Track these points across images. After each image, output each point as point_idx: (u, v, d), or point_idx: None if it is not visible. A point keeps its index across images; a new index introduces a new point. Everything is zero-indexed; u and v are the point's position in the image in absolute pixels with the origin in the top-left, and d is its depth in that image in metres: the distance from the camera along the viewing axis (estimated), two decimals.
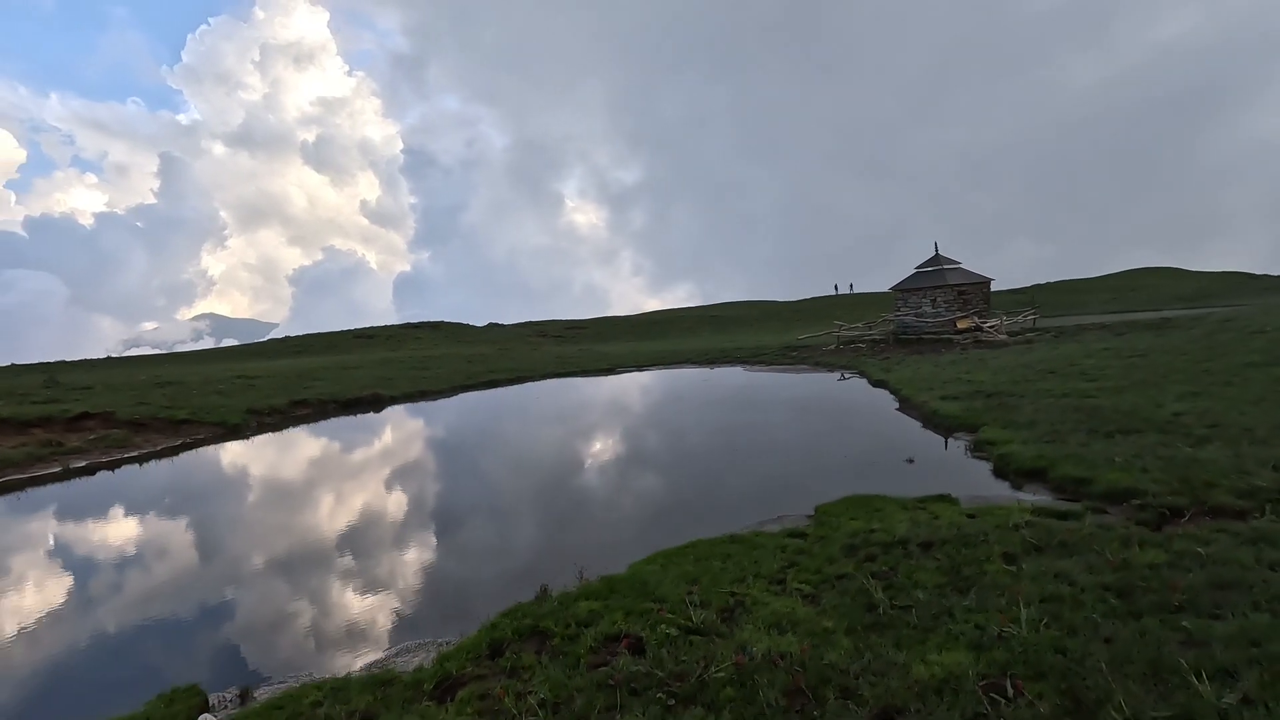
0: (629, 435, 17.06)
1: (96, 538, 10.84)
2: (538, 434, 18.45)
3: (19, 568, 9.48)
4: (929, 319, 38.03)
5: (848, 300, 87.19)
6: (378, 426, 23.13)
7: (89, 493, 14.36)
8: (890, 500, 8.59)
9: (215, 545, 10.06)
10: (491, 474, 14.03)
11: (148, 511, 12.22)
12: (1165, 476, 8.37)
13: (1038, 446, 10.75)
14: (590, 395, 28.34)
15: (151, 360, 61.53)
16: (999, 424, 13.04)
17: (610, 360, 44.61)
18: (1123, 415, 12.39)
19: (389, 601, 7.50)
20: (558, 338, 77.79)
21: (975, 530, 6.86)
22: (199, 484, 14.72)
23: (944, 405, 15.73)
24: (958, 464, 11.27)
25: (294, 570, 8.68)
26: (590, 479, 12.71)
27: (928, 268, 39.52)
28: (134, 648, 6.82)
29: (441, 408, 27.53)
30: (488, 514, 10.90)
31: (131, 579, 8.84)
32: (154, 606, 7.78)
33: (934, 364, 25.71)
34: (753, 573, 6.29)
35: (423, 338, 72.52)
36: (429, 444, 18.31)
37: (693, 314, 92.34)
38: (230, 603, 7.77)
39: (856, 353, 35.11)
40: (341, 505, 11.91)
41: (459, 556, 8.94)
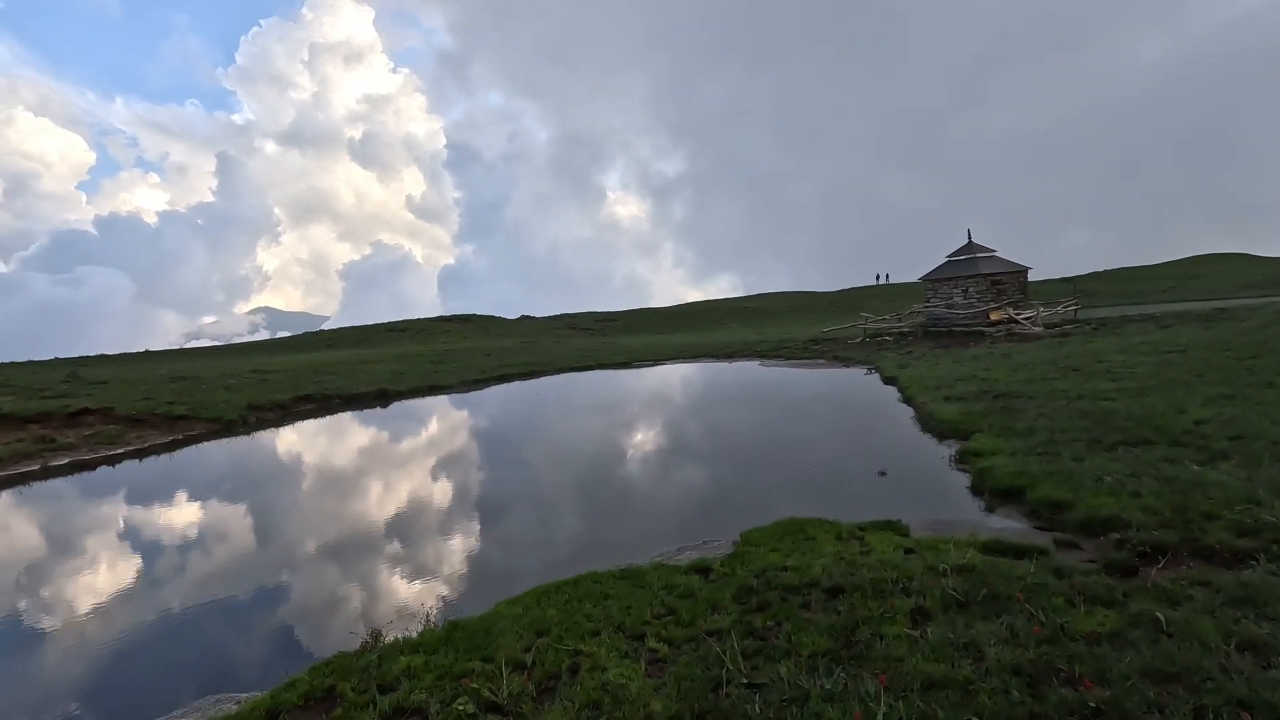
0: (591, 440, 16.04)
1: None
2: (495, 437, 17.63)
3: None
4: (960, 310, 35.96)
5: (885, 291, 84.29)
6: (359, 425, 22.73)
7: (35, 496, 14.03)
8: (829, 526, 7.46)
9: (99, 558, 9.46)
10: (413, 488, 12.91)
11: (74, 519, 11.78)
12: (1159, 503, 7.03)
13: (1024, 460, 9.41)
14: (585, 392, 27.49)
15: (193, 353, 63.15)
16: (994, 431, 11.66)
17: (629, 354, 43.71)
18: (1135, 422, 10.89)
19: (213, 638, 6.75)
20: (587, 330, 77.28)
21: (899, 574, 5.71)
22: (150, 486, 14.36)
23: (943, 408, 14.33)
24: (935, 478, 9.99)
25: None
26: (520, 493, 11.60)
27: (959, 256, 37.37)
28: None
29: (434, 405, 27.06)
30: (382, 533, 9.86)
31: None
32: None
33: (954, 359, 24.02)
34: (618, 622, 5.31)
35: (452, 330, 72.87)
36: (379, 449, 17.72)
37: (724, 306, 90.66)
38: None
39: (881, 346, 33.39)
40: (258, 518, 11.28)
41: (339, 580, 8.13)
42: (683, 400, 22.11)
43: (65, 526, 11.09)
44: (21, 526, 11.25)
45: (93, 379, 31.60)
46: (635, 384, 28.54)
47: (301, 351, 58.43)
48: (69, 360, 44.08)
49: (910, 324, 40.62)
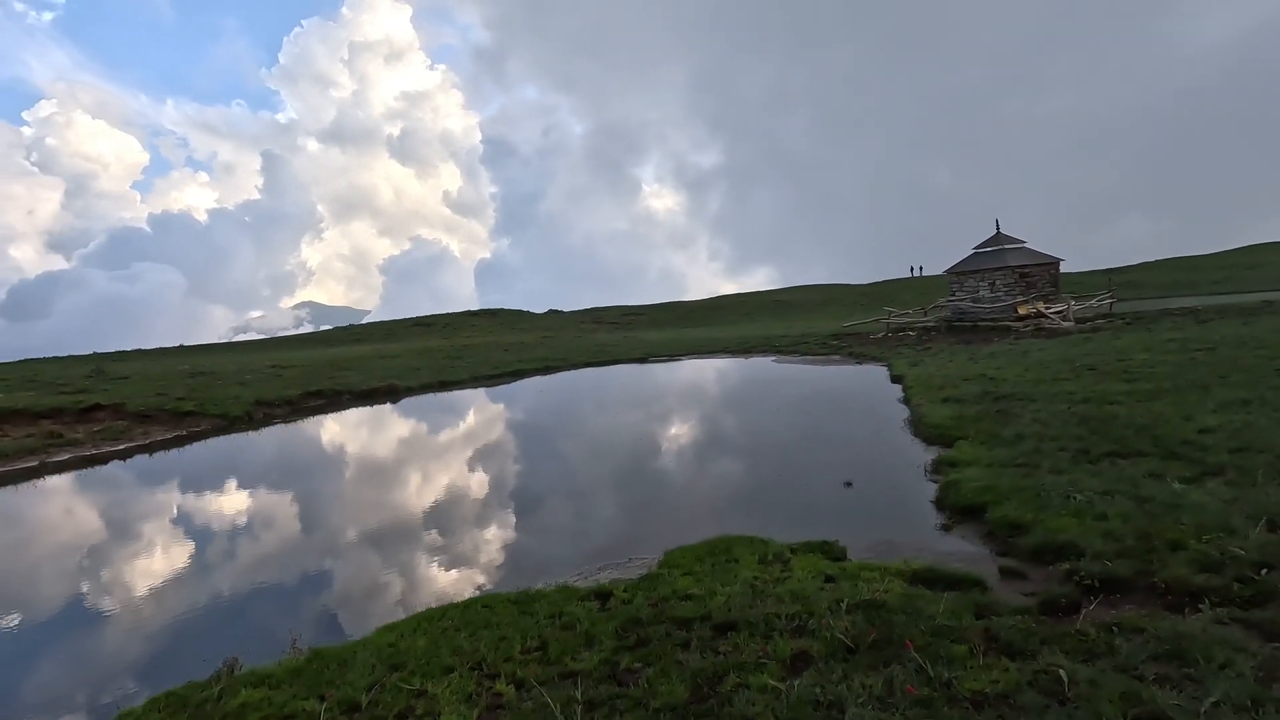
0: (559, 442, 15.52)
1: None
2: (470, 437, 17.32)
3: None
4: (986, 304, 34.52)
5: (920, 283, 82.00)
6: (350, 423, 22.75)
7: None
8: (760, 546, 6.90)
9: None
10: (366, 493, 12.33)
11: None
12: (1124, 528, 6.30)
13: (997, 473, 8.67)
14: (582, 390, 27.15)
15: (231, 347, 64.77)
16: (980, 437, 10.89)
17: (647, 349, 43.20)
18: (1134, 431, 10.01)
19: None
20: (613, 324, 76.99)
21: (801, 609, 5.16)
22: (116, 486, 14.46)
23: (936, 410, 13.52)
24: (903, 490, 9.30)
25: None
26: (466, 500, 11.11)
27: (986, 248, 35.85)
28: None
29: (436, 401, 27.01)
30: (312, 540, 9.49)
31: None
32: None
33: (969, 356, 22.94)
34: (481, 658, 4.88)
35: (479, 325, 73.36)
36: (350, 449, 17.58)
37: (754, 299, 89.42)
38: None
39: (902, 341, 32.26)
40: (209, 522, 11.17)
41: (248, 591, 7.88)
42: (674, 399, 21.58)
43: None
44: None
45: (117, 374, 32.48)
46: (636, 381, 28.10)
47: (330, 346, 59.46)
48: (97, 356, 45.49)
49: (935, 318, 39.22)
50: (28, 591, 8.20)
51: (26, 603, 7.75)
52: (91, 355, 46.68)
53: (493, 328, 71.69)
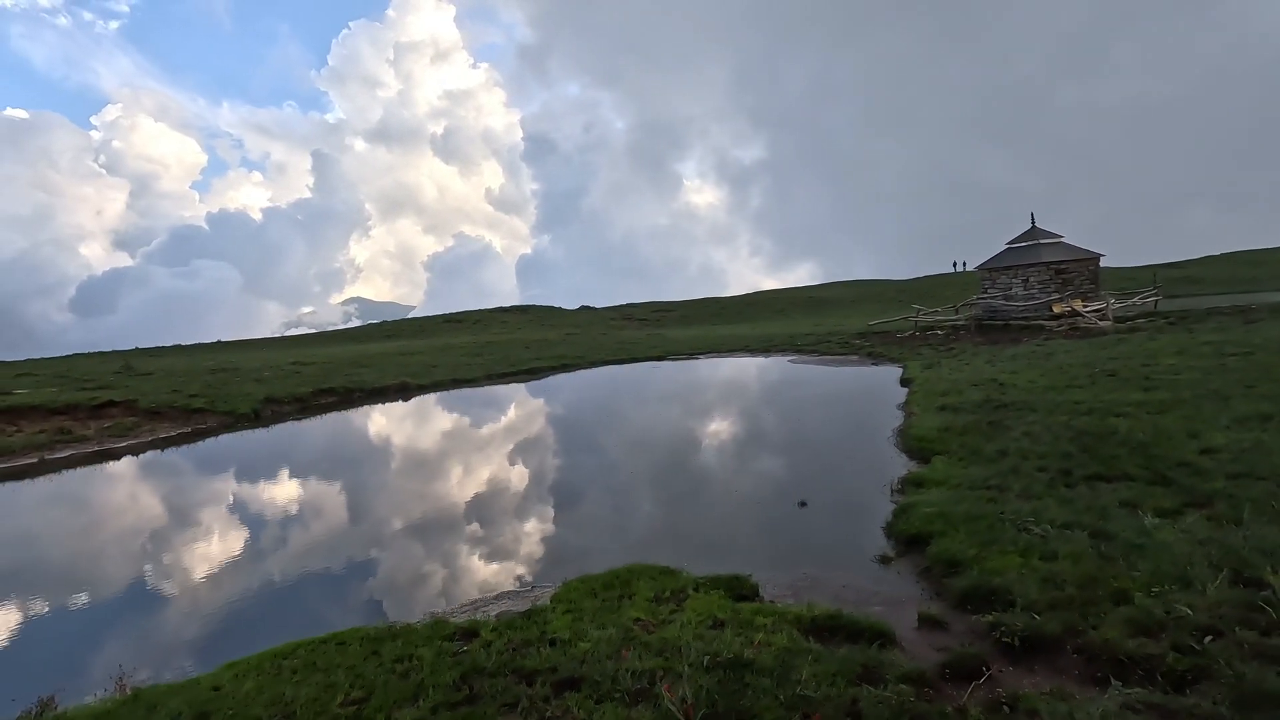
0: (525, 449, 14.86)
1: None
2: (444, 442, 16.96)
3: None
4: (1019, 302, 32.81)
5: (961, 279, 79.20)
6: (345, 422, 22.73)
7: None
8: (666, 579, 6.28)
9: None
10: (315, 499, 11.95)
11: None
12: (1072, 572, 5.48)
13: (959, 496, 7.84)
14: (583, 388, 26.66)
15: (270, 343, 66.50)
16: (960, 453, 10.00)
17: (668, 347, 42.59)
18: (1130, 449, 9.02)
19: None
20: (642, 321, 76.55)
21: (661, 663, 4.55)
22: (91, 486, 14.55)
23: (928, 419, 12.60)
24: (858, 513, 8.51)
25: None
26: (409, 510, 10.60)
27: (1020, 243, 34.07)
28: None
29: (439, 400, 26.89)
30: (238, 555, 9.13)
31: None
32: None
33: (989, 359, 21.69)
34: (296, 708, 4.41)
35: (509, 321, 73.72)
36: (328, 451, 17.41)
37: (787, 296, 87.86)
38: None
39: (928, 341, 30.91)
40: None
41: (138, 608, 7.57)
42: (664, 402, 20.90)
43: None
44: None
45: (143, 370, 33.42)
46: (637, 381, 27.52)
47: (361, 342, 60.46)
48: (137, 351, 47.03)
49: (967, 317, 37.55)
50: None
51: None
52: (127, 351, 48.29)
53: (522, 324, 71.93)
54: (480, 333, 64.56)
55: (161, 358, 47.07)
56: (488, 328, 69.21)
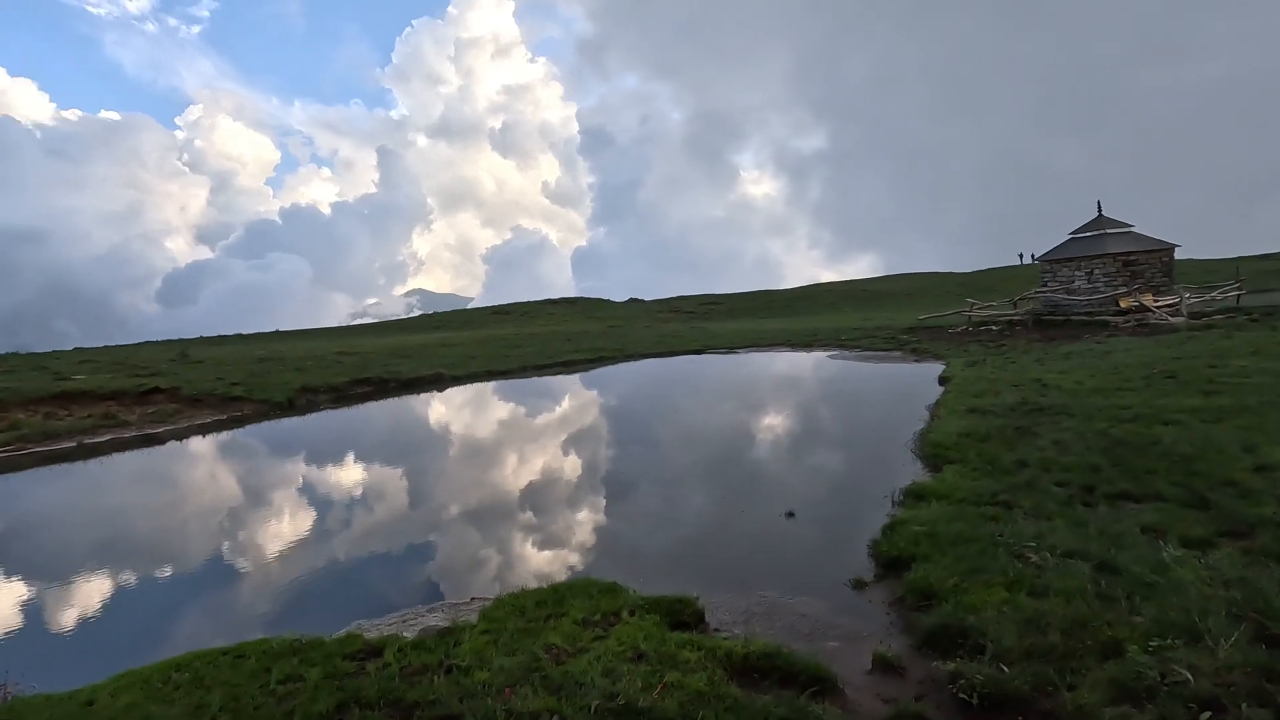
0: (520, 444, 14.33)
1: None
2: (447, 434, 16.71)
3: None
4: (1081, 296, 30.66)
5: (1026, 272, 75.28)
6: (363, 413, 22.85)
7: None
8: (602, 598, 5.70)
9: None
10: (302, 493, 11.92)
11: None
12: (1062, 613, 4.66)
13: (956, 513, 6.97)
14: (599, 383, 26.16)
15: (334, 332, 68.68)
16: (976, 461, 9.05)
17: (708, 340, 41.81)
18: (1170, 464, 7.94)
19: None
20: (689, 314, 75.75)
21: (550, 705, 4.00)
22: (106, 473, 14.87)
23: (952, 423, 11.59)
24: (847, 528, 7.72)
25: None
26: (391, 504, 10.28)
27: (1085, 233, 31.81)
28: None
29: (464, 392, 26.87)
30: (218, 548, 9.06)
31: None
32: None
33: (1039, 357, 20.19)
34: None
35: (555, 313, 74.03)
36: (334, 441, 17.36)
37: (840, 289, 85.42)
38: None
39: (980, 336, 29.23)
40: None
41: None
42: (683, 397, 20.20)
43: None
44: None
45: (196, 358, 34.74)
46: (661, 377, 26.88)
47: (410, 333, 61.73)
48: (183, 341, 48.90)
49: (1025, 311, 35.37)
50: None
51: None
52: (187, 340, 50.41)
53: (569, 316, 72.12)
54: (526, 324, 64.97)
55: (221, 346, 49.09)
56: (534, 319, 69.66)
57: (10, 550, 9.20)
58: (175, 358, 34.49)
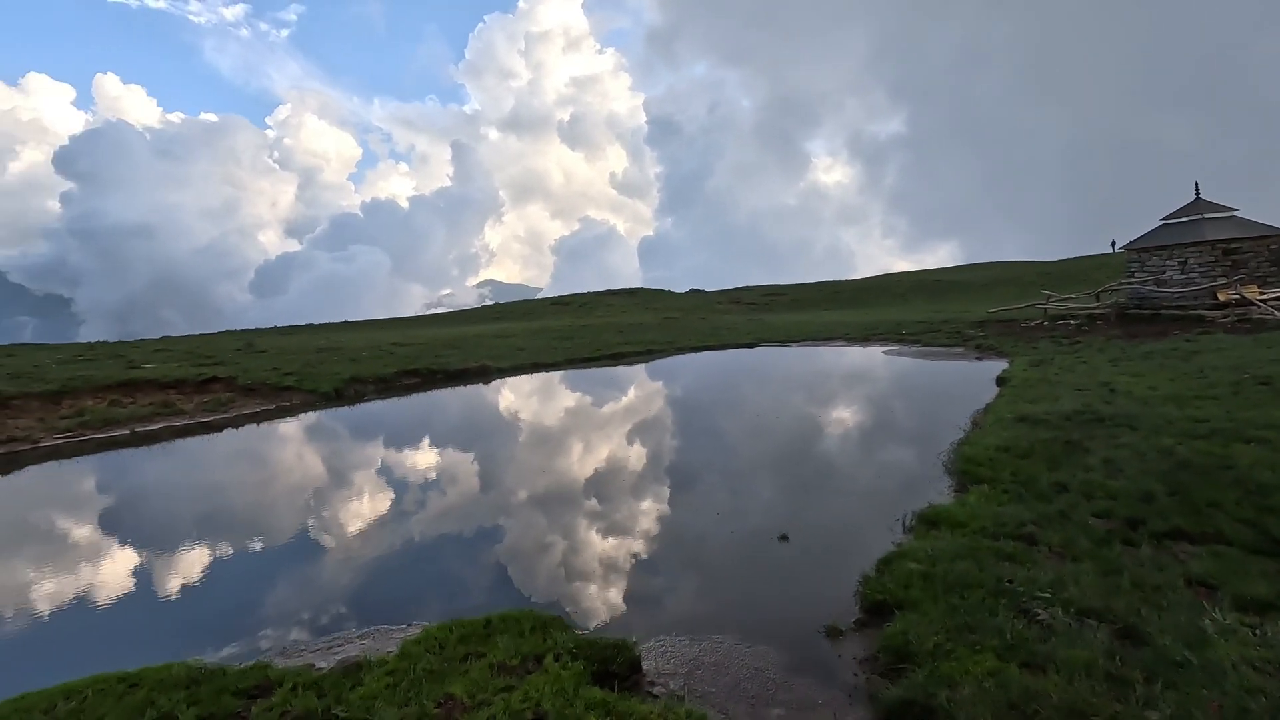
0: (529, 448, 13.78)
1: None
2: (461, 432, 16.34)
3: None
4: (1174, 288, 27.83)
5: (1117, 261, 69.86)
6: (394, 406, 22.93)
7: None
8: (531, 638, 5.08)
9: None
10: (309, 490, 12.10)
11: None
12: (1059, 696, 3.73)
13: (963, 547, 5.98)
14: (626, 381, 25.43)
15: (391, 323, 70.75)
16: (1008, 482, 7.93)
17: (762, 333, 40.56)
18: (1241, 492, 6.69)
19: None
20: (750, 305, 74.21)
21: None
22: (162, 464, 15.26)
23: (993, 435, 10.38)
24: (842, 558, 6.81)
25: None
26: (374, 512, 10.00)
27: (1179, 218, 28.83)
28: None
29: (501, 385, 26.74)
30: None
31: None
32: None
33: (1114, 357, 18.28)
34: None
35: (614, 304, 73.88)
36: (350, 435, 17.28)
37: (913, 279, 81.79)
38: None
39: (1056, 332, 27.02)
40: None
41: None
42: (707, 394, 19.28)
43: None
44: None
45: (260, 348, 36.14)
46: (702, 369, 25.97)
47: (471, 324, 62.77)
48: (250, 331, 50.88)
49: (1109, 304, 32.51)
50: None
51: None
52: (256, 330, 52.65)
53: (627, 307, 71.75)
54: (584, 315, 64.97)
55: (290, 336, 51.13)
56: (592, 310, 69.65)
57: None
58: (242, 348, 35.99)
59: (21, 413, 20.94)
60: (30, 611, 6.93)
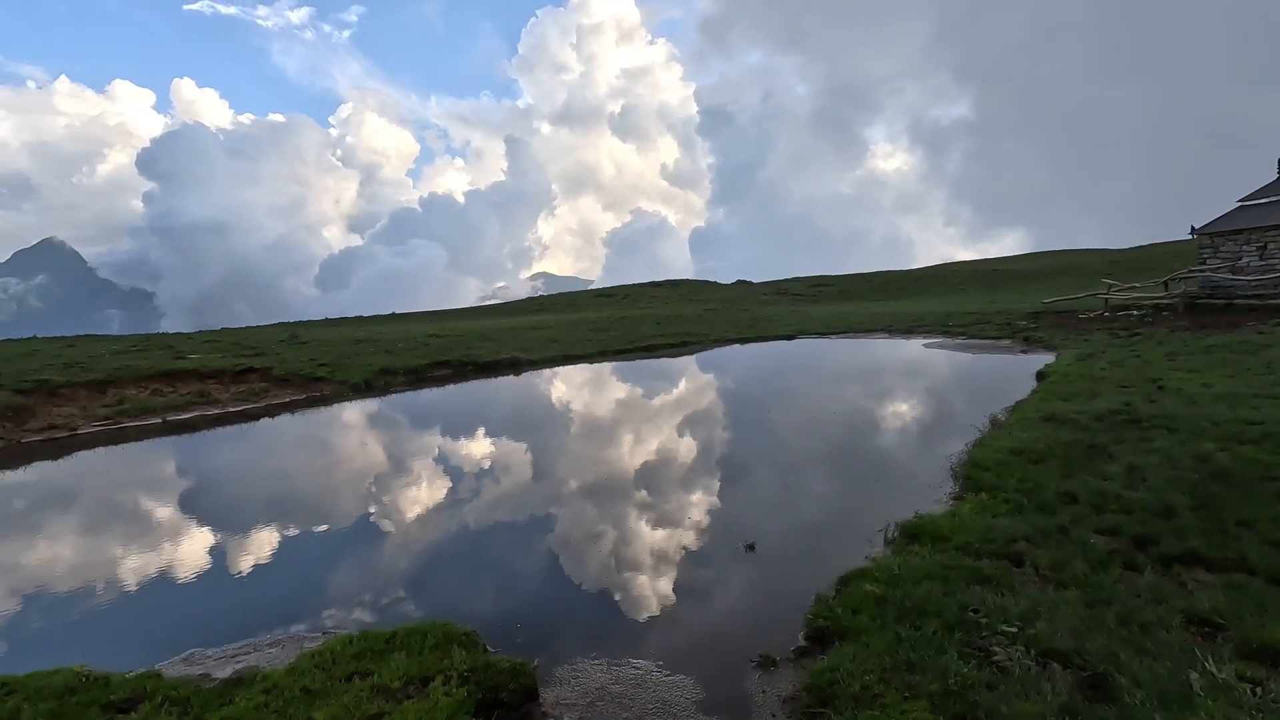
0: (519, 442, 13.60)
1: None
2: (461, 428, 16.01)
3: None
4: (1250, 276, 25.54)
5: (1194, 248, 65.23)
6: (413, 399, 22.91)
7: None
8: (425, 655, 4.64)
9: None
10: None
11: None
12: None
13: (934, 567, 5.25)
14: (648, 375, 24.77)
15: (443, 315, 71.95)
16: (1011, 491, 7.08)
17: (803, 325, 39.41)
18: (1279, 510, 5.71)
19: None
20: (796, 296, 72.55)
21: None
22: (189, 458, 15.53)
23: (1010, 436, 9.45)
24: (811, 573, 6.11)
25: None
26: (352, 513, 9.94)
27: (1259, 199, 26.43)
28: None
29: (524, 380, 26.54)
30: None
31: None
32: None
33: (1176, 349, 16.76)
34: None
35: (657, 296, 73.31)
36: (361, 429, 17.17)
37: (969, 269, 78.56)
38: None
39: (1116, 323, 25.19)
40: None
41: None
42: (724, 387, 18.51)
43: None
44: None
45: (303, 340, 37.04)
46: (725, 363, 25.15)
47: (513, 315, 63.23)
48: (290, 324, 51.86)
49: (1179, 293, 30.14)
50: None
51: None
52: (297, 323, 53.90)
53: (670, 299, 71.08)
54: (626, 307, 64.62)
55: (340, 328, 52.44)
56: (635, 302, 69.26)
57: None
58: (286, 339, 36.97)
59: (68, 401, 21.82)
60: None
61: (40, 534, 9.00)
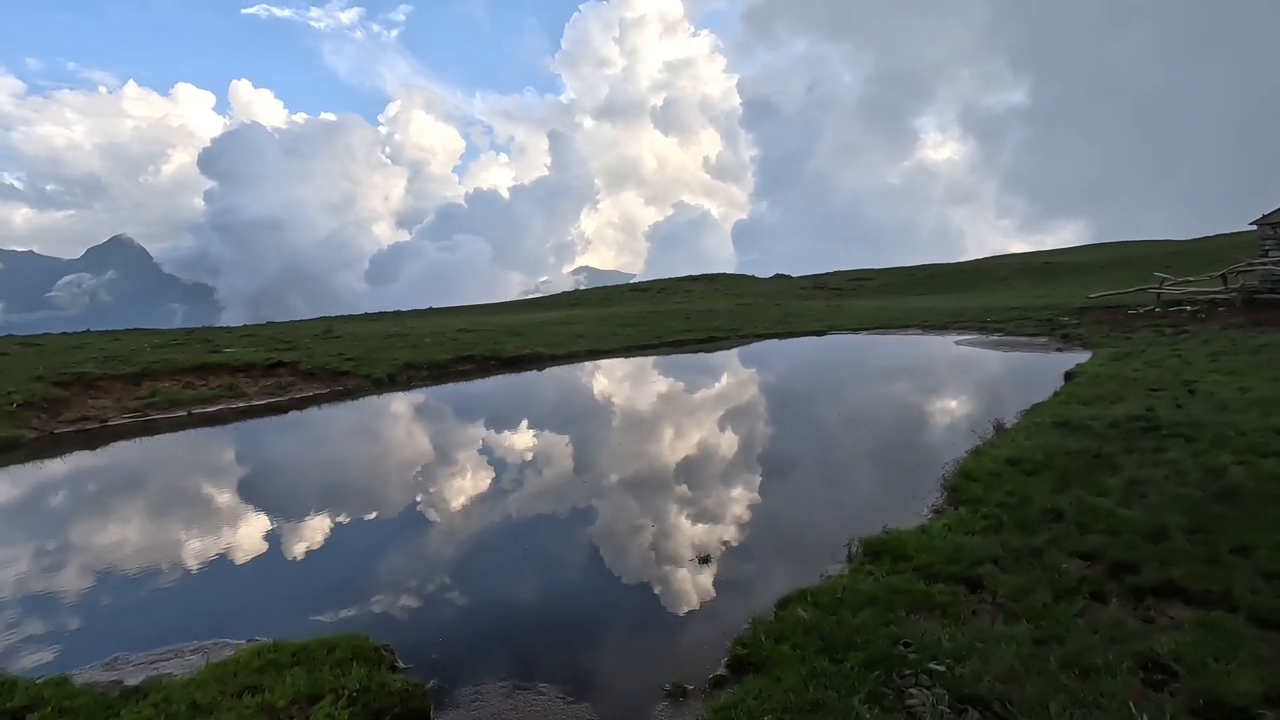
0: (528, 450, 13.34)
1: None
2: (465, 430, 15.85)
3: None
4: None
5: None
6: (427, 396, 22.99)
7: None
8: (319, 673, 4.44)
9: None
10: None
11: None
12: None
13: (882, 590, 4.82)
14: (666, 372, 24.32)
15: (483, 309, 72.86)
16: (992, 506, 6.55)
17: (836, 320, 38.51)
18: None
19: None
20: (835, 290, 71.04)
21: None
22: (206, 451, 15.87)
23: (1009, 445, 8.83)
24: (759, 592, 5.75)
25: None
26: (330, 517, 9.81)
27: None
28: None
29: (540, 375, 26.47)
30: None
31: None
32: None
33: (1221, 348, 15.66)
34: None
35: (692, 290, 72.69)
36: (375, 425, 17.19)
37: (1018, 261, 75.61)
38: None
39: (1165, 319, 23.78)
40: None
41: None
42: (730, 389, 18.00)
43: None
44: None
45: (337, 334, 37.81)
46: (740, 361, 24.58)
47: (547, 309, 63.50)
48: (328, 319, 52.93)
49: (1237, 287, 28.28)
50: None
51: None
52: (336, 318, 55.21)
53: (705, 294, 70.34)
54: (660, 302, 64.22)
55: (376, 323, 53.46)
56: (670, 297, 68.78)
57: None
58: (320, 334, 37.80)
59: (104, 393, 22.64)
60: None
61: (15, 527, 9.17)
